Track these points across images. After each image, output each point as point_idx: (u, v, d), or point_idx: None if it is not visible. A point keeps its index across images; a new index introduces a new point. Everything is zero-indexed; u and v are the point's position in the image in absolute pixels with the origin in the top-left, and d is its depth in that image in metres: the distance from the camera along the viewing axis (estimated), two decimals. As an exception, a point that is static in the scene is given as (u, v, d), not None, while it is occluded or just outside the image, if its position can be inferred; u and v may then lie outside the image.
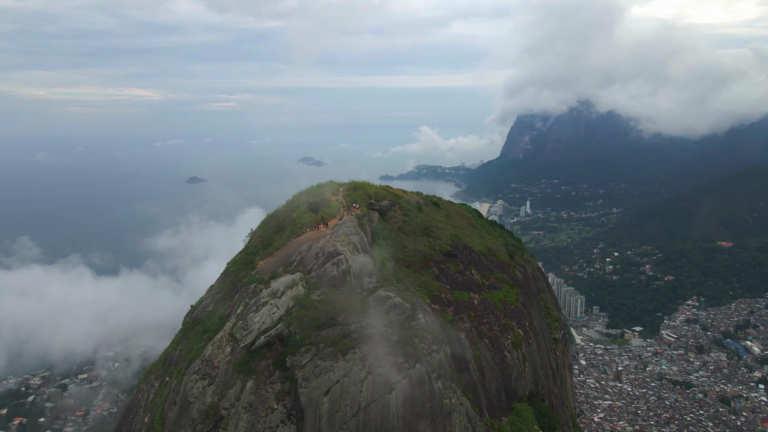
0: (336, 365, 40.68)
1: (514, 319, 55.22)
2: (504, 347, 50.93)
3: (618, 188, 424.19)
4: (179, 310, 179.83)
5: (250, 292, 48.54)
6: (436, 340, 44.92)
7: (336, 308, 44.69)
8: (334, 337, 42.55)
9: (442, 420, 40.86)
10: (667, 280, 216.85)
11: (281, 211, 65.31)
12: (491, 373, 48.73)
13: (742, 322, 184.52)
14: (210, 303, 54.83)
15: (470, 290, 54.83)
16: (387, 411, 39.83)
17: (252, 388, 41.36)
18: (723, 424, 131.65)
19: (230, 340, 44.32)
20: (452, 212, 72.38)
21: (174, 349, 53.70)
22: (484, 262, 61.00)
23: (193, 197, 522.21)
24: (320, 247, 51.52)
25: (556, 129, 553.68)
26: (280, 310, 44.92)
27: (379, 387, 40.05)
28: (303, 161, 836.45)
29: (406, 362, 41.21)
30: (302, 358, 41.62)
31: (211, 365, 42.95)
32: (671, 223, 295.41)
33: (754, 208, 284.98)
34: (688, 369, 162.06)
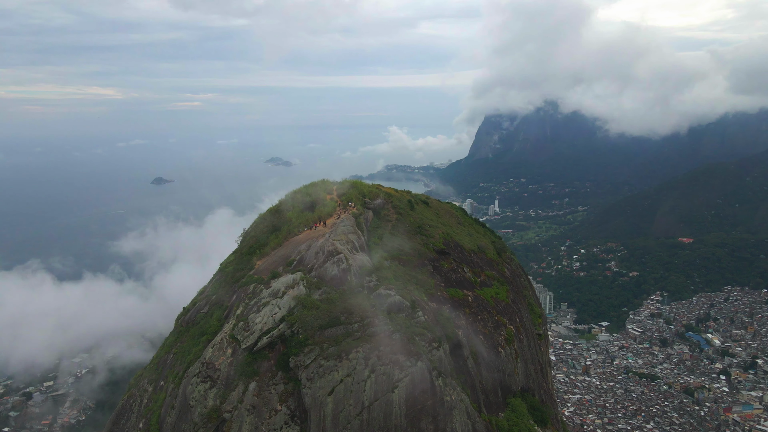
0: (340, 365, 40.38)
1: (506, 316, 56.10)
2: (498, 343, 51.62)
3: (583, 187, 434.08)
4: (147, 317, 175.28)
5: (250, 293, 47.83)
6: (436, 337, 45.12)
7: (338, 307, 44.41)
8: (338, 336, 42.25)
9: (443, 417, 41.10)
10: (631, 276, 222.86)
11: (275, 210, 64.54)
12: (487, 369, 49.33)
13: (703, 315, 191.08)
14: (205, 305, 53.73)
15: (464, 287, 55.31)
16: (390, 409, 39.86)
17: (255, 390, 40.81)
18: (687, 414, 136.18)
19: (231, 341, 43.65)
20: (441, 210, 72.80)
21: (167, 352, 52.52)
22: (474, 260, 61.65)
23: (159, 198, 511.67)
24: (320, 246, 51.07)
25: (523, 129, 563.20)
26: (281, 311, 44.41)
27: (382, 385, 40.03)
28: (271, 161, 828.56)
29: (407, 360, 41.24)
30: (306, 359, 41.24)
31: (212, 368, 42.28)
32: (635, 220, 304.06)
33: (712, 205, 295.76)
34: (653, 362, 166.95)
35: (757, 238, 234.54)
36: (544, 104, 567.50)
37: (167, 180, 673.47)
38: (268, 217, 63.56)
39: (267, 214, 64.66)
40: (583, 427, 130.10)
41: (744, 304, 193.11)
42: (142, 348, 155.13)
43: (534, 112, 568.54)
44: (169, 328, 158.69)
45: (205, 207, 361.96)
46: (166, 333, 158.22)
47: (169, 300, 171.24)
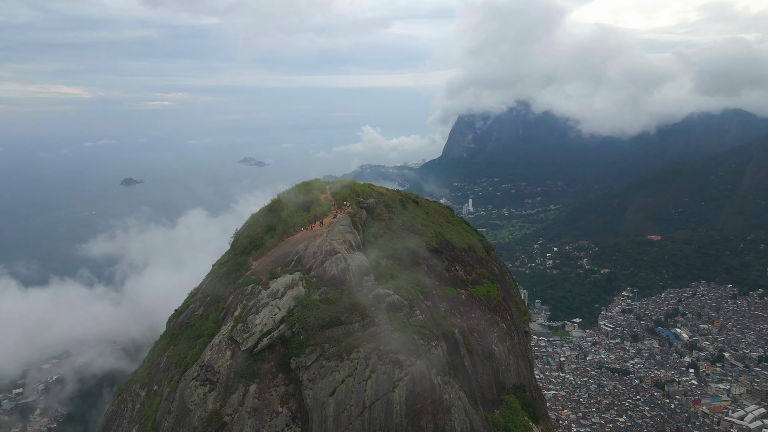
0: (341, 365, 40.20)
1: (498, 313, 56.78)
2: (491, 341, 52.28)
3: (555, 186, 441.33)
4: (119, 323, 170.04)
5: (248, 294, 47.27)
6: (434, 335, 45.30)
7: (338, 307, 44.22)
8: (338, 336, 42.07)
9: (442, 415, 41.27)
10: (603, 273, 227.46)
11: (268, 210, 63.91)
12: (482, 366, 49.87)
13: (672, 310, 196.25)
14: (199, 306, 52.91)
15: (457, 286, 55.75)
16: (391, 409, 39.85)
17: (255, 392, 40.45)
18: (658, 407, 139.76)
19: (230, 343, 43.06)
20: (431, 209, 73.10)
21: (159, 355, 51.65)
22: (465, 258, 62.22)
23: (129, 199, 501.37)
24: (318, 245, 50.79)
25: (495, 129, 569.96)
26: (281, 311, 44.04)
27: (383, 385, 40.00)
28: (244, 162, 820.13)
29: (407, 359, 41.27)
30: (307, 359, 40.97)
31: (212, 370, 41.66)
32: (605, 218, 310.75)
33: (679, 203, 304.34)
34: (624, 357, 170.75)
35: (722, 235, 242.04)
36: (517, 104, 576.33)
37: (137, 181, 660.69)
38: (262, 216, 62.86)
39: (260, 214, 63.99)
40: (559, 422, 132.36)
41: (710, 299, 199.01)
42: (114, 356, 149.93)
43: (507, 112, 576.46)
44: (142, 334, 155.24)
45: (178, 208, 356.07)
46: (139, 339, 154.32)
47: (142, 305, 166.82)
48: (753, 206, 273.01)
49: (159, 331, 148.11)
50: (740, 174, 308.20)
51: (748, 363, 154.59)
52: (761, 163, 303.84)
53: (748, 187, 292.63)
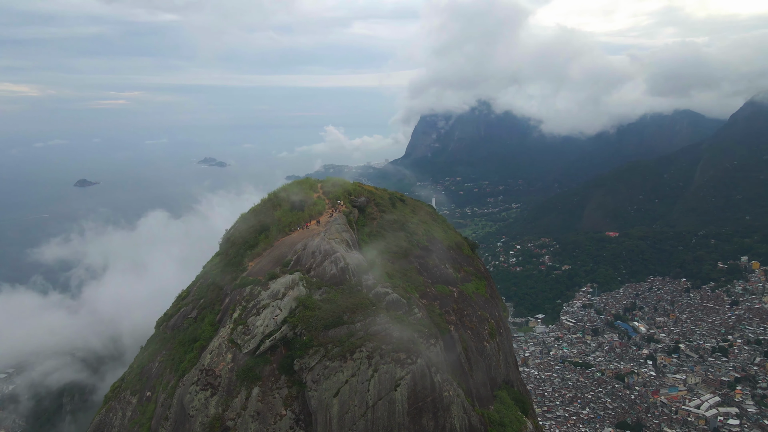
0: (344, 365, 39.80)
1: (487, 310, 57.44)
2: (483, 338, 52.83)
3: (516, 185, 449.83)
4: (77, 333, 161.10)
5: (246, 295, 46.21)
6: (432, 333, 45.38)
7: (340, 307, 43.78)
8: (341, 336, 41.60)
9: (442, 413, 41.35)
10: (564, 270, 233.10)
11: (259, 209, 62.82)
12: (477, 363, 50.29)
13: (630, 304, 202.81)
14: (192, 309, 51.47)
15: (448, 283, 56.09)
16: (393, 408, 39.76)
17: (258, 396, 39.67)
18: (619, 398, 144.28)
19: (230, 346, 42.07)
20: (416, 208, 73.13)
21: (150, 360, 50.10)
22: (454, 256, 62.71)
23: (83, 201, 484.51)
24: (316, 245, 50.13)
25: (458, 128, 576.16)
26: (283, 312, 43.30)
27: (386, 384, 39.86)
28: (204, 162, 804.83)
29: (408, 357, 41.15)
30: (311, 360, 40.43)
31: (212, 374, 40.65)
32: (565, 216, 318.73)
33: (635, 200, 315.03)
34: (586, 351, 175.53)
35: (675, 231, 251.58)
36: (479, 104, 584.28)
37: (92, 182, 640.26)
38: (253, 216, 61.75)
39: (251, 214, 62.98)
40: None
41: (666, 293, 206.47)
42: (72, 368, 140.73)
43: (469, 112, 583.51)
44: (103, 344, 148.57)
45: (137, 210, 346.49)
46: (100, 351, 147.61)
47: (102, 313, 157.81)
48: (704, 203, 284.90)
49: (122, 341, 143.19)
50: (691, 172, 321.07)
51: (702, 354, 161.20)
52: (710, 162, 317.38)
53: (699, 184, 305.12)
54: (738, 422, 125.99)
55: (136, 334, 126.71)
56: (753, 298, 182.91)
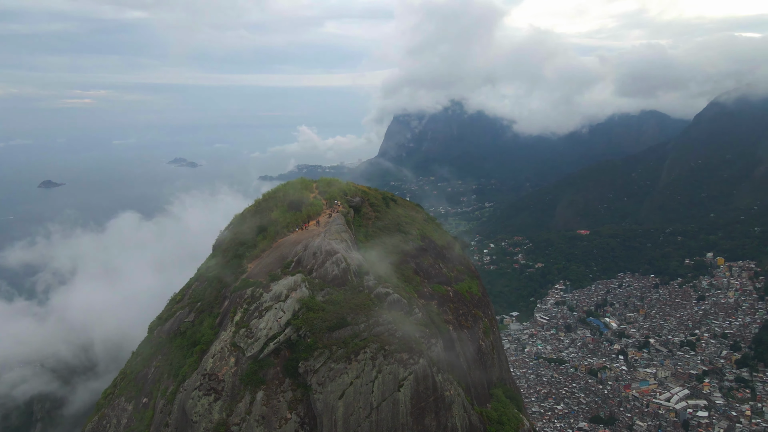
0: (349, 367, 39.68)
1: (480, 309, 58.16)
2: (479, 336, 53.39)
3: (489, 184, 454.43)
4: (46, 342, 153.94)
5: (247, 298, 45.47)
6: (432, 333, 45.65)
7: (343, 308, 43.60)
8: (346, 338, 41.43)
9: (444, 412, 41.63)
10: (537, 267, 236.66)
11: (254, 210, 61.94)
12: (474, 362, 50.79)
13: (601, 301, 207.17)
14: (189, 312, 50.37)
15: (443, 283, 56.60)
16: (397, 409, 39.79)
17: (263, 399, 39.30)
18: (592, 393, 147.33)
19: (233, 349, 41.39)
20: (408, 207, 73.54)
21: (145, 366, 48.89)
22: (447, 255, 63.23)
23: (49, 203, 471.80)
24: (317, 246, 49.76)
25: (431, 128, 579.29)
26: (286, 314, 42.81)
27: (389, 385, 39.93)
28: (175, 162, 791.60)
29: (411, 358, 41.29)
30: (315, 363, 40.17)
31: (216, 379, 39.99)
32: (537, 214, 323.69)
33: (605, 199, 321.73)
34: (559, 347, 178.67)
35: (643, 229, 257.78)
36: (451, 104, 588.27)
37: (57, 183, 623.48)
38: (249, 217, 60.89)
39: (247, 215, 62.11)
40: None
41: (635, 289, 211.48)
42: (41, 379, 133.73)
43: (441, 112, 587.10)
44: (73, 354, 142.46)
45: (106, 211, 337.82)
46: (70, 360, 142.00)
47: (72, 321, 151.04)
48: (670, 201, 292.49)
49: (93, 350, 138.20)
50: (658, 171, 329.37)
51: (672, 348, 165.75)
52: (676, 161, 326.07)
53: (666, 183, 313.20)
54: (706, 414, 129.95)
55: (108, 342, 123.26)
56: (718, 293, 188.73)
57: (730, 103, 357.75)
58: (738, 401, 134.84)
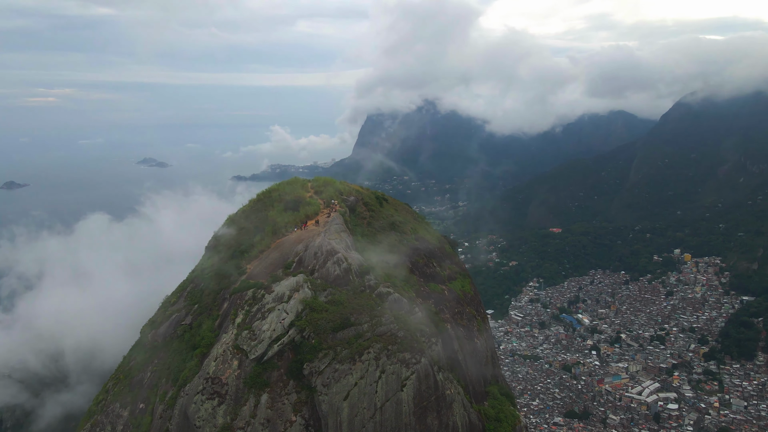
0: (354, 368, 39.49)
1: (473, 307, 58.59)
2: (474, 335, 53.65)
3: (462, 183, 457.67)
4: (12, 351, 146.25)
5: (248, 299, 44.73)
6: (432, 332, 45.77)
7: (347, 308, 43.38)
8: (350, 338, 41.19)
9: (445, 411, 41.76)
10: (511, 266, 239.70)
11: (249, 210, 61.01)
12: (471, 360, 50.97)
13: (574, 297, 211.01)
14: (186, 315, 49.21)
15: (438, 282, 56.77)
16: (400, 408, 39.74)
17: (267, 402, 38.79)
18: (567, 389, 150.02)
19: (236, 352, 40.76)
20: (398, 207, 73.31)
21: (140, 371, 47.59)
22: (438, 254, 63.30)
23: (13, 204, 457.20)
24: (318, 246, 49.28)
25: (404, 128, 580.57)
26: (289, 315, 42.34)
27: (393, 385, 39.88)
28: (144, 162, 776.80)
29: (413, 357, 41.33)
30: (320, 364, 39.87)
31: (219, 383, 39.31)
32: (511, 213, 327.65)
33: (576, 197, 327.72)
34: (534, 344, 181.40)
35: (613, 226, 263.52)
36: (425, 104, 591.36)
37: (20, 184, 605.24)
38: (244, 218, 60.06)
39: (240, 215, 61.33)
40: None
41: (606, 286, 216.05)
42: (8, 392, 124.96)
43: (415, 112, 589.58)
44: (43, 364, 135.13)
45: (73, 212, 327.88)
46: (39, 370, 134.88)
47: (41, 329, 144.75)
48: (639, 199, 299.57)
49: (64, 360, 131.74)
50: (627, 170, 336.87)
51: (642, 342, 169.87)
52: (643, 160, 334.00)
53: (634, 182, 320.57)
54: (677, 406, 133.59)
55: (79, 351, 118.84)
56: (686, 288, 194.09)
57: (694, 103, 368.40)
58: (706, 393, 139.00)
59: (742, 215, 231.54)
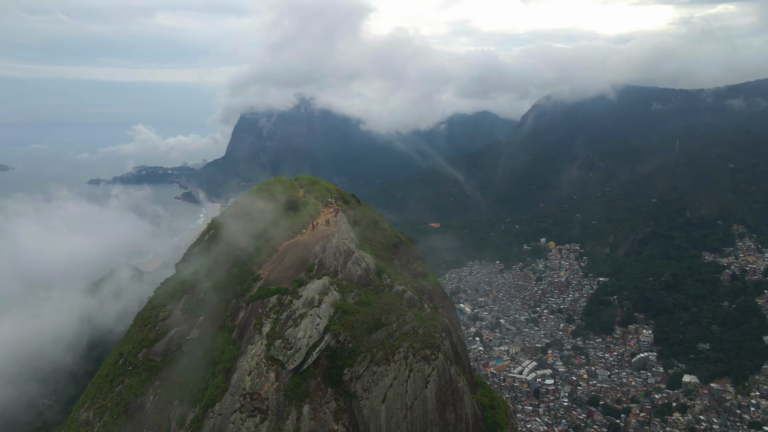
0: (388, 369, 38.64)
1: (448, 301, 59.64)
2: (457, 327, 54.11)
3: (340, 182, 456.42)
4: None
5: (274, 306, 41.59)
6: (443, 327, 46.18)
7: (376, 309, 42.39)
8: (383, 339, 40.25)
9: (459, 404, 42.11)
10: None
11: (242, 214, 55.85)
12: (464, 352, 51.25)
13: (455, 288, 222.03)
14: (189, 329, 43.77)
15: (419, 276, 57.12)
16: (426, 406, 39.28)
17: (310, 413, 37.01)
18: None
19: (271, 364, 38.07)
20: (363, 206, 72.05)
21: (138, 395, 41.46)
22: (410, 251, 63.63)
23: None
24: (335, 246, 47.57)
25: (281, 127, 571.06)
26: (323, 320, 39.98)
27: (419, 383, 39.53)
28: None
29: (432, 353, 41.33)
30: (359, 368, 38.26)
31: (258, 398, 36.47)
32: (392, 210, 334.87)
33: (450, 193, 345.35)
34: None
35: (486, 219, 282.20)
36: (302, 102, 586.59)
37: None
38: (237, 221, 55.20)
39: (231, 218, 56.55)
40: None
41: (484, 275, 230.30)
42: None
43: (292, 111, 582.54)
44: None
45: None
46: None
47: None
48: (506, 194, 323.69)
49: None
50: (494, 167, 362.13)
51: (519, 326, 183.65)
52: (508, 157, 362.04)
53: (501, 177, 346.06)
54: (552, 381, 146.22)
55: None
56: (553, 273, 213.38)
57: (549, 105, 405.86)
58: (576, 367, 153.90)
59: (593, 206, 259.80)
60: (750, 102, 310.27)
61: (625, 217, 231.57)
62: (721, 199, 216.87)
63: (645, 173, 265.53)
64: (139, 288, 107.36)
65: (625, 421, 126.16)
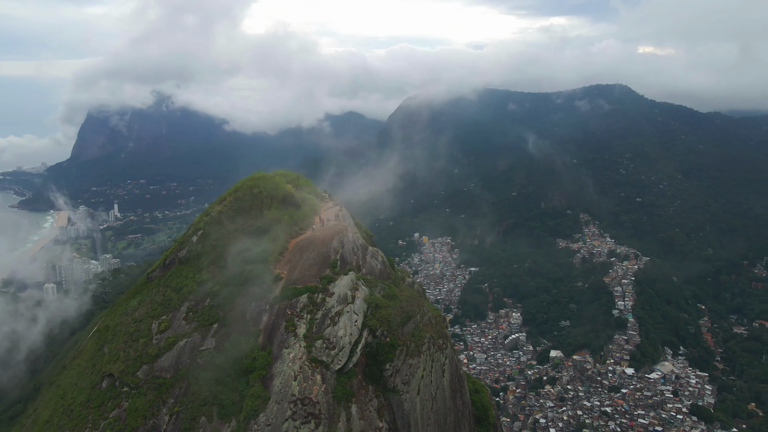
0: (420, 360, 38.18)
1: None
2: None
3: (206, 184, 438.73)
4: None
5: (304, 306, 39.52)
6: (442, 315, 46.92)
7: (402, 301, 42.31)
8: (413, 330, 40.42)
9: (463, 390, 42.89)
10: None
11: (234, 211, 51.43)
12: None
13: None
14: (202, 339, 39.89)
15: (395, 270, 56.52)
16: (444, 394, 39.10)
17: (358, 413, 36.18)
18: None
19: (315, 366, 36.31)
20: None
21: (149, 416, 35.87)
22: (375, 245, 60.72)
23: None
24: (352, 241, 46.99)
25: (136, 127, 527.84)
26: (359, 316, 39.27)
27: (438, 372, 39.41)
28: None
29: (444, 342, 41.39)
30: (398, 362, 37.30)
31: (310, 402, 34.67)
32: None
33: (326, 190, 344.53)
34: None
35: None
36: (160, 100, 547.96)
37: None
38: (231, 220, 50.49)
39: (224, 217, 51.50)
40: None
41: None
42: None
43: (148, 109, 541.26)
44: None
45: None
46: None
47: None
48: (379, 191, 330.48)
49: None
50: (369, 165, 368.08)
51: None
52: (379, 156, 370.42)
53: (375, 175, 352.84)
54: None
55: None
56: (428, 266, 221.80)
57: (414, 106, 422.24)
58: (456, 353, 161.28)
59: (461, 200, 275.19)
60: (594, 104, 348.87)
61: (490, 210, 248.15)
62: (568, 191, 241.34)
63: (504, 169, 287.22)
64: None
65: (504, 398, 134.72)
